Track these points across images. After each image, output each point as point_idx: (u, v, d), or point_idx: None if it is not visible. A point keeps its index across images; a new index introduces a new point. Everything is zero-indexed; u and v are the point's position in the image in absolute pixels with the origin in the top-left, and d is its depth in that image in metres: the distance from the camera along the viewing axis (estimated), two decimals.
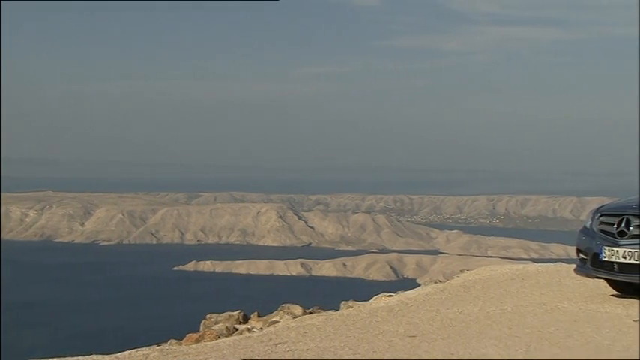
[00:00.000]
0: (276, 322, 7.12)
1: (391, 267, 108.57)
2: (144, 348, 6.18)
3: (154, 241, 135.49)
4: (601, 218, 6.78)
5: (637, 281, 6.57)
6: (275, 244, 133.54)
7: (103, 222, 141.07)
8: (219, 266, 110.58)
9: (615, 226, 6.52)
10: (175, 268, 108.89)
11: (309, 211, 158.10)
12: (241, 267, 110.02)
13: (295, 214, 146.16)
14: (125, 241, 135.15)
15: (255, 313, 7.77)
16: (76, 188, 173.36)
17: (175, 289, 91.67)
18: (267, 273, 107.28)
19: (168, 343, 6.95)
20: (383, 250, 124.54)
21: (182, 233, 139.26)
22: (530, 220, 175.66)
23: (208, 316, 7.80)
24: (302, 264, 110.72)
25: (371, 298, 8.40)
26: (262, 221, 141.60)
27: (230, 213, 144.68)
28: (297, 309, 7.44)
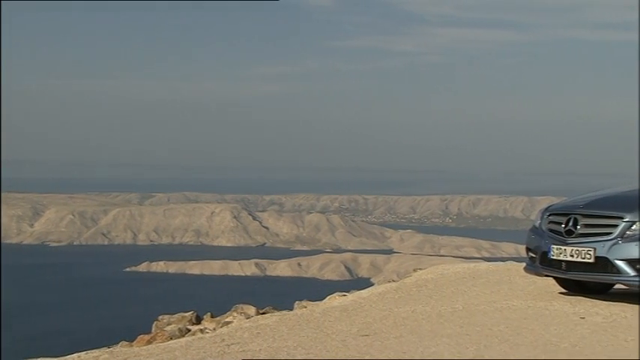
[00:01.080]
0: (229, 322, 7.09)
1: (346, 267, 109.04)
2: (94, 350, 6.09)
3: (106, 242, 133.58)
4: (549, 217, 6.91)
5: (584, 279, 6.72)
6: (229, 245, 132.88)
7: (52, 223, 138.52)
8: (173, 267, 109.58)
9: (563, 225, 6.65)
10: (127, 270, 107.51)
11: (263, 211, 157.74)
12: (195, 268, 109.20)
13: (250, 215, 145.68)
14: (76, 242, 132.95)
15: (209, 314, 7.72)
16: (25, 188, 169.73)
17: (127, 291, 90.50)
18: (222, 273, 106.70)
19: (119, 345, 6.85)
20: (337, 250, 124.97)
21: (135, 234, 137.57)
22: (482, 220, 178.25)
23: (160, 317, 7.72)
24: (256, 264, 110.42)
25: (325, 298, 8.42)
26: (216, 221, 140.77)
27: (184, 213, 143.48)
28: (251, 309, 7.41)
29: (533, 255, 6.98)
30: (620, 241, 6.24)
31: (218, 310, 8.45)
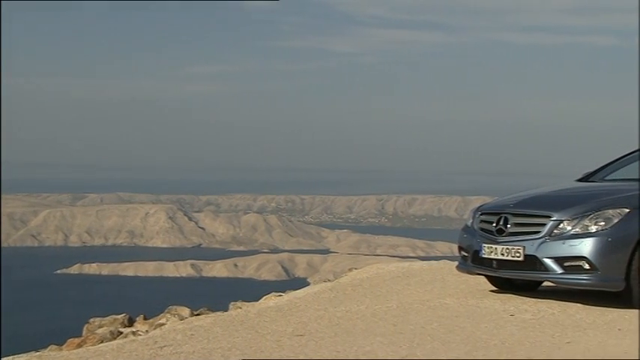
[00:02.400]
0: (162, 324, 6.99)
1: (282, 267, 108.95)
2: (22, 355, 5.93)
3: (36, 244, 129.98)
4: (481, 217, 7.05)
5: (514, 277, 6.88)
6: (164, 246, 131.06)
7: None
8: (106, 269, 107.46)
9: (494, 224, 6.79)
10: (59, 272, 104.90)
11: (199, 211, 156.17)
12: (129, 269, 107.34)
13: (185, 215, 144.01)
14: (4, 244, 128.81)
15: (141, 316, 7.61)
16: None
17: (58, 294, 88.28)
18: (156, 275, 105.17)
19: (48, 349, 6.69)
20: (274, 250, 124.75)
21: (66, 235, 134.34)
22: (417, 219, 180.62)
23: (92, 320, 7.57)
24: (192, 265, 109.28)
25: (260, 299, 8.40)
26: (151, 222, 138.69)
27: (117, 214, 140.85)
28: (185, 311, 7.33)
29: (466, 254, 7.10)
30: (547, 240, 6.41)
31: (152, 312, 8.33)
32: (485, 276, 7.17)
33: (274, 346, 5.35)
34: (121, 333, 6.94)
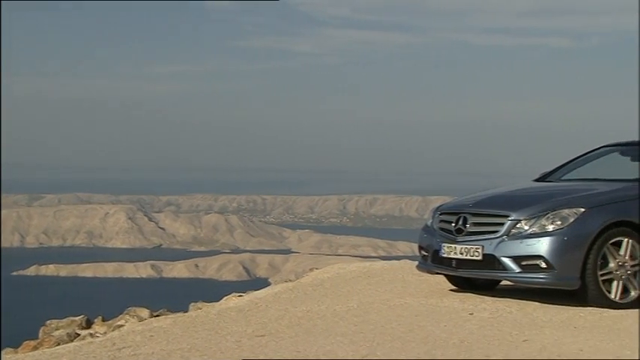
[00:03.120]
0: (121, 326, 6.90)
1: (244, 267, 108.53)
2: None
3: None
4: (440, 217, 7.11)
5: (473, 276, 6.95)
6: (124, 246, 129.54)
7: None
8: (64, 270, 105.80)
9: (453, 223, 6.86)
10: (15, 274, 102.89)
11: (159, 212, 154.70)
12: (88, 270, 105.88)
13: (145, 215, 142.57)
14: None
15: (100, 317, 7.51)
16: None
17: (14, 295, 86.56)
18: (116, 276, 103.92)
19: (3, 352, 6.56)
20: (235, 251, 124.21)
21: (22, 236, 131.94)
22: (378, 219, 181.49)
23: (48, 322, 7.44)
24: (152, 266, 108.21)
25: (221, 299, 8.35)
26: (110, 223, 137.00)
27: (75, 215, 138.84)
28: (144, 312, 7.25)
29: (426, 253, 7.16)
30: (506, 239, 6.50)
31: (110, 314, 8.22)
32: (445, 275, 7.24)
33: (234, 346, 5.33)
34: (79, 335, 6.83)
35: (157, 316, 7.30)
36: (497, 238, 6.53)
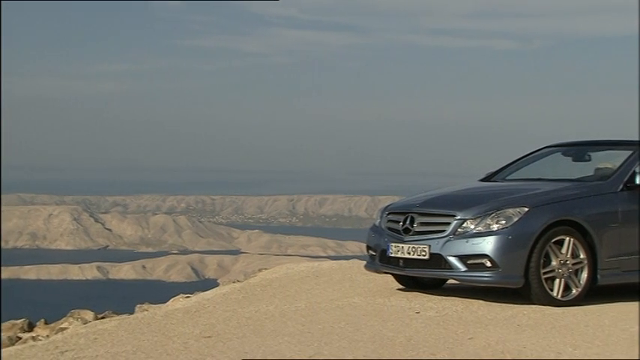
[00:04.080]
0: (64, 329, 6.76)
1: (192, 268, 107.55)
2: None
3: None
4: (388, 216, 7.16)
5: (420, 275, 7.02)
6: (69, 248, 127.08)
7: None
8: (5, 272, 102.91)
9: (401, 223, 6.91)
10: None
11: (106, 212, 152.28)
12: (31, 272, 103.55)
13: (92, 216, 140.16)
14: None
15: (42, 320, 7.34)
16: None
17: None
18: (61, 278, 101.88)
19: None
20: (184, 251, 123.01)
21: None
22: (327, 219, 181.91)
23: None
24: (98, 267, 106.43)
25: (169, 301, 8.26)
26: (55, 224, 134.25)
27: (18, 216, 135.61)
28: (88, 314, 7.12)
29: (373, 253, 7.20)
30: (452, 239, 6.58)
31: (54, 317, 8.06)
32: (393, 275, 7.29)
33: (181, 348, 5.27)
34: (20, 338, 6.67)
35: (102, 318, 7.18)
36: (443, 237, 6.61)
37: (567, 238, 6.54)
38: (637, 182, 6.91)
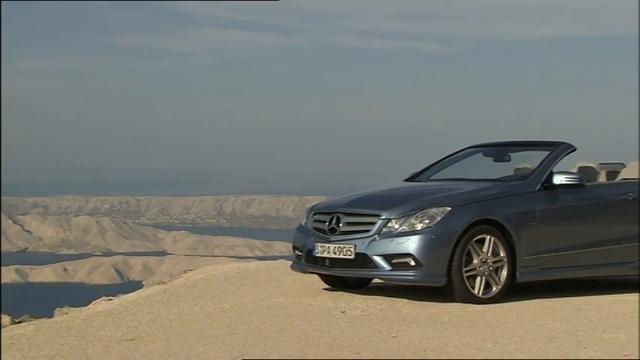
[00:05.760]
0: None
1: (116, 270, 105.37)
2: None
3: None
4: (315, 216, 7.19)
5: (346, 275, 7.07)
6: None
7: None
8: None
9: (327, 223, 6.95)
10: None
11: (25, 214, 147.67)
12: None
13: (10, 218, 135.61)
14: None
15: None
16: None
17: None
18: None
19: None
20: (107, 253, 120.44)
21: None
22: (255, 220, 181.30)
23: None
24: (17, 270, 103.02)
25: (90, 303, 8.06)
26: None
27: None
28: (5, 318, 6.89)
29: (299, 253, 7.21)
30: (377, 238, 6.65)
31: None
32: (319, 274, 7.31)
33: (102, 351, 5.15)
34: None
35: (19, 322, 6.95)
36: (369, 237, 6.67)
37: (488, 237, 6.70)
38: (554, 182, 7.13)
